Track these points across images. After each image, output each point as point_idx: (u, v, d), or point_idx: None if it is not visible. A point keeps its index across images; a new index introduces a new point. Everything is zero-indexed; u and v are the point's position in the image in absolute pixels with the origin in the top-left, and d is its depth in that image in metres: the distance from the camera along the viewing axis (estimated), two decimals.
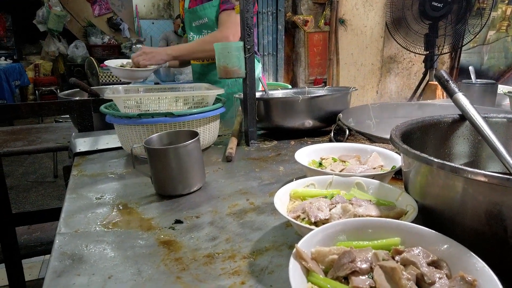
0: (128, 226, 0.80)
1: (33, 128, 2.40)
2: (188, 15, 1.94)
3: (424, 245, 0.53)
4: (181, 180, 0.93)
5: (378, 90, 3.58)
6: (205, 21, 1.87)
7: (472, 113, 0.80)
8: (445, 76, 0.88)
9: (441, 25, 3.10)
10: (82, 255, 0.69)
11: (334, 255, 0.51)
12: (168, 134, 1.02)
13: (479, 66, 3.81)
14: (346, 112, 1.36)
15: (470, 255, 0.50)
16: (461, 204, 0.56)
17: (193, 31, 1.96)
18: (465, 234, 0.56)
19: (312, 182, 0.80)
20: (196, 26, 1.93)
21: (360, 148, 1.00)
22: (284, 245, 0.70)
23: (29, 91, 7.22)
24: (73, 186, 1.03)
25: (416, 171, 0.64)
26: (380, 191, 0.75)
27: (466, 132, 0.85)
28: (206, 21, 1.87)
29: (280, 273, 0.62)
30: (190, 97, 1.36)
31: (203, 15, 1.86)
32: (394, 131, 0.73)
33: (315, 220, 0.65)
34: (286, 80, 4.12)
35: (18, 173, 4.30)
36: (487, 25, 3.28)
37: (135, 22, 8.26)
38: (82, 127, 1.59)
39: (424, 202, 0.64)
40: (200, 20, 1.89)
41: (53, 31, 7.22)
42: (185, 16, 1.98)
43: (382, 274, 0.48)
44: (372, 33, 3.44)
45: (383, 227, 0.57)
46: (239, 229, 0.77)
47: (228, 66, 1.25)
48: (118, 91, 1.47)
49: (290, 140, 1.40)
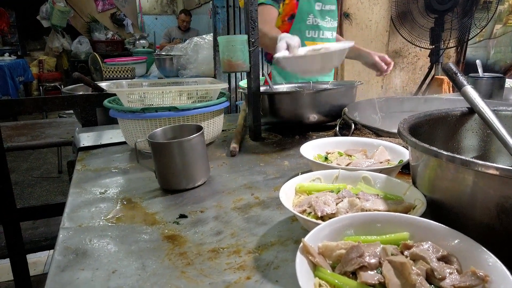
0: (132, 220, 0.79)
1: (37, 123, 2.40)
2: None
3: (434, 239, 0.52)
4: (185, 175, 0.92)
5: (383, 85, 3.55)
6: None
7: (481, 106, 0.78)
8: (453, 69, 0.86)
9: (447, 19, 3.06)
10: (86, 249, 0.69)
11: (342, 249, 0.50)
12: (172, 128, 1.01)
13: (485, 60, 3.77)
14: (351, 106, 1.34)
15: (481, 250, 0.49)
16: (471, 198, 0.55)
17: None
18: (475, 229, 0.55)
19: (318, 177, 0.79)
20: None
21: (366, 142, 0.99)
22: (290, 240, 0.69)
23: (33, 87, 7.24)
24: (77, 181, 1.03)
25: (425, 165, 0.63)
26: (387, 185, 0.74)
27: (474, 126, 0.83)
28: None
29: (286, 268, 0.61)
30: (194, 91, 1.35)
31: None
32: (402, 124, 0.71)
33: (321, 214, 0.64)
34: None
35: (23, 169, 4.31)
36: (493, 19, 3.24)
37: (139, 18, 8.25)
38: (86, 122, 1.58)
39: (432, 196, 0.62)
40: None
41: (56, 27, 7.22)
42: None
43: (391, 269, 0.47)
44: (377, 27, 3.40)
45: (391, 221, 0.56)
46: (244, 223, 0.76)
47: (232, 59, 1.23)
48: (122, 85, 1.46)
49: (295, 134, 1.38)
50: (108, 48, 7.53)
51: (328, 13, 1.78)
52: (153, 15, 8.55)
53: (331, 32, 1.82)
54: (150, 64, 4.23)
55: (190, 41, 3.63)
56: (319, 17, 1.75)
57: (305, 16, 1.73)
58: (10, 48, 7.41)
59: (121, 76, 3.12)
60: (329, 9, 1.78)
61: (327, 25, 1.80)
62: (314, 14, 1.73)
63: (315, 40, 1.77)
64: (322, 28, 1.78)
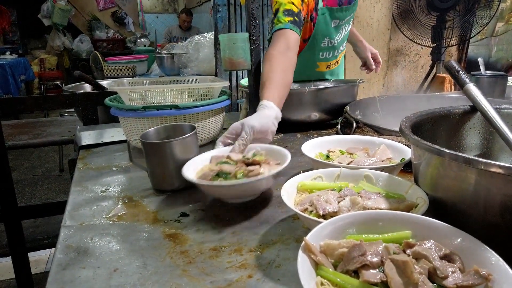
0: (134, 219, 0.79)
1: (38, 122, 2.40)
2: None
3: (436, 238, 0.52)
4: (177, 175, 0.91)
5: (385, 83, 3.54)
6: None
7: (483, 104, 0.78)
8: (455, 67, 0.86)
9: (448, 16, 3.05)
10: (88, 248, 0.68)
11: (344, 248, 0.50)
12: (165, 128, 1.00)
13: (487, 58, 3.76)
14: (353, 105, 1.34)
15: (484, 248, 0.48)
16: (474, 196, 0.55)
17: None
18: (477, 227, 0.55)
19: (320, 175, 0.78)
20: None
21: (368, 141, 0.98)
22: (291, 238, 0.69)
23: (35, 86, 7.23)
24: (78, 179, 1.03)
25: (427, 163, 0.62)
26: (389, 183, 0.74)
27: (477, 124, 0.83)
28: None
29: (288, 267, 0.61)
30: (196, 89, 1.35)
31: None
32: (404, 122, 0.71)
33: (323, 213, 0.64)
34: None
35: (24, 167, 4.31)
36: (495, 17, 3.22)
37: (140, 16, 8.24)
38: (87, 120, 1.58)
39: (435, 194, 0.62)
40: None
41: (57, 25, 7.22)
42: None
43: (393, 268, 0.47)
44: (378, 25, 3.39)
45: (393, 220, 0.56)
46: (246, 222, 0.76)
47: (233, 58, 1.23)
48: (123, 83, 1.46)
49: (296, 133, 1.38)
50: (109, 46, 7.53)
51: (345, 23, 1.60)
52: (154, 13, 8.54)
53: (344, 43, 1.68)
54: (151, 63, 4.23)
55: (191, 39, 3.62)
56: (334, 34, 1.57)
57: (320, 40, 1.55)
58: (11, 46, 7.41)
59: (122, 74, 3.12)
60: (347, 20, 1.60)
61: (342, 36, 1.62)
62: (330, 36, 1.56)
63: (328, 60, 1.64)
64: (337, 46, 1.62)
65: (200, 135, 1.19)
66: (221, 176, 0.82)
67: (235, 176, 0.81)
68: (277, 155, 0.91)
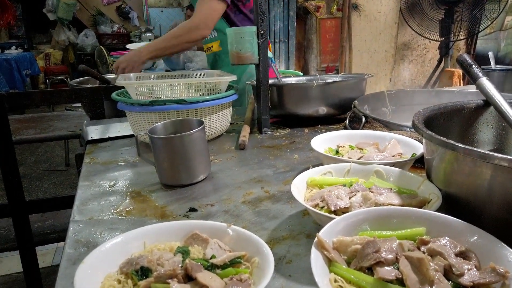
0: (142, 214, 0.79)
1: (44, 116, 2.41)
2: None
3: (451, 235, 0.51)
4: (185, 170, 0.90)
5: (392, 78, 3.52)
6: None
7: (497, 99, 0.76)
8: (468, 61, 0.84)
9: (457, 10, 3.02)
10: (97, 242, 0.68)
11: (357, 245, 0.49)
12: (173, 123, 0.99)
13: (496, 52, 3.72)
14: (361, 99, 1.32)
15: (501, 245, 0.47)
16: (489, 192, 0.54)
17: None
18: (492, 224, 0.54)
19: (329, 170, 0.77)
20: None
21: (378, 136, 0.97)
22: (302, 234, 0.69)
23: (40, 80, 7.25)
24: (86, 174, 1.02)
25: (441, 158, 0.61)
26: (400, 179, 0.73)
27: (490, 119, 0.81)
28: None
29: (299, 263, 0.60)
30: (203, 84, 1.34)
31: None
32: (416, 117, 0.70)
33: (334, 208, 0.63)
34: (298, 68, 4.07)
35: (31, 162, 4.34)
36: (504, 11, 3.18)
37: (144, 11, 8.21)
38: (93, 115, 1.58)
39: (448, 190, 0.61)
40: None
41: (62, 20, 7.21)
42: None
43: (408, 265, 0.46)
44: (386, 19, 3.36)
45: (407, 216, 0.55)
46: (255, 217, 0.75)
47: (240, 51, 1.22)
48: (129, 78, 1.45)
49: (304, 128, 1.37)
50: (114, 41, 7.51)
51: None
52: (159, 7, 8.50)
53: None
54: None
55: None
56: None
57: None
58: (16, 41, 7.42)
59: None
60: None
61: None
62: None
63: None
64: None
65: (207, 130, 1.18)
66: None
67: None
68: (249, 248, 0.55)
